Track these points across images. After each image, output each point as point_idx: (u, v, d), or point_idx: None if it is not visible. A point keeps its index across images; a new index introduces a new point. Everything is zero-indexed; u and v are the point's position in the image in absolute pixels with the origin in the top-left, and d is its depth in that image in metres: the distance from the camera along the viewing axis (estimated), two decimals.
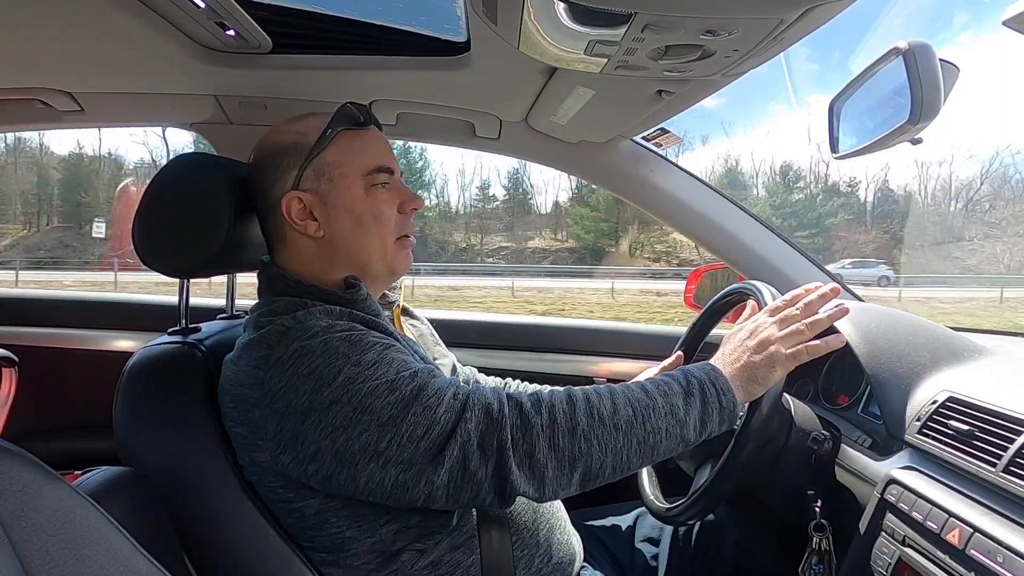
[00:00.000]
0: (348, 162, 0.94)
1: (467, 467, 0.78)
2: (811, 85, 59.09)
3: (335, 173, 0.94)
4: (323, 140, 0.93)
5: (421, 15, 1.23)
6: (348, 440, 0.77)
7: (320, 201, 0.93)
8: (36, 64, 1.26)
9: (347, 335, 0.82)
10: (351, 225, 0.94)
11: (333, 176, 0.94)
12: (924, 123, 0.92)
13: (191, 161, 1.03)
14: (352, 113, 0.95)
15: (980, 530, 0.70)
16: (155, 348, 0.98)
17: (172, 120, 1.52)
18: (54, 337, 1.79)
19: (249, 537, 0.88)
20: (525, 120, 1.46)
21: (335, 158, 0.94)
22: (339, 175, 0.94)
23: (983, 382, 0.90)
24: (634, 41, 0.86)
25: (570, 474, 0.80)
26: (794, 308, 0.94)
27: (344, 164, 0.94)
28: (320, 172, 0.93)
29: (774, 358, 0.89)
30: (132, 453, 0.92)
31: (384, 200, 0.96)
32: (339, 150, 0.94)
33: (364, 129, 0.97)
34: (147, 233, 0.98)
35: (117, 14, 1.02)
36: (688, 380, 0.87)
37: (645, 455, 0.83)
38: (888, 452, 0.93)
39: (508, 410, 0.80)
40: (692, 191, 1.54)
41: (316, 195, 0.93)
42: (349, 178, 0.94)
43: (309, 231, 0.94)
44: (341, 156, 0.94)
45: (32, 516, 0.54)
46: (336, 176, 0.94)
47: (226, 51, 1.23)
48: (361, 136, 0.96)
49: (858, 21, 44.07)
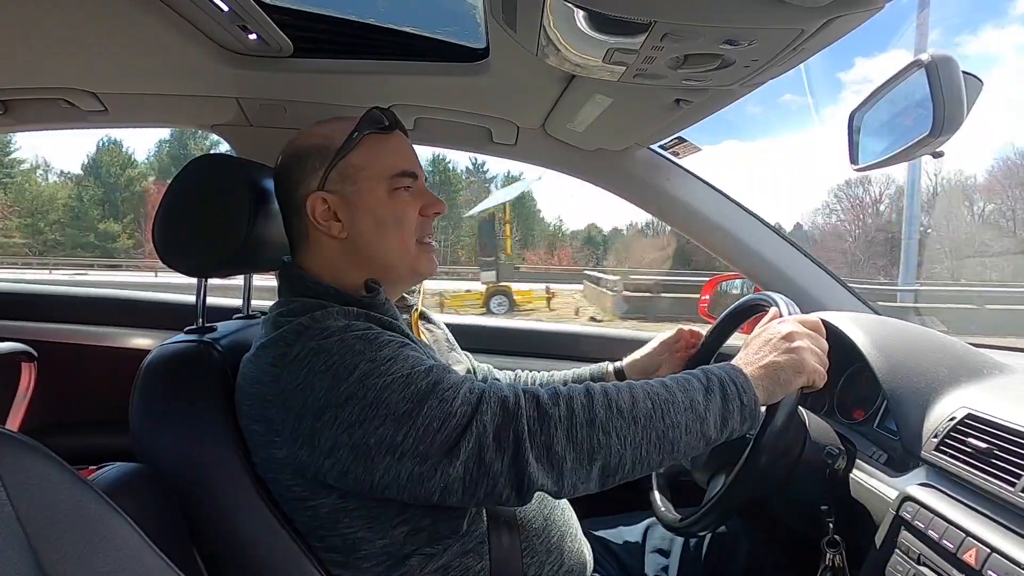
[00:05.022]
0: (373, 165, 0.96)
1: (483, 459, 0.78)
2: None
3: (360, 175, 0.95)
4: (349, 143, 0.95)
5: (441, 21, 1.24)
6: (364, 434, 0.78)
7: (344, 202, 0.95)
8: (62, 64, 1.29)
9: (363, 333, 0.83)
10: (373, 227, 0.95)
11: (358, 178, 0.95)
12: (946, 136, 0.91)
13: (211, 162, 1.04)
14: (378, 117, 0.97)
15: (998, 551, 0.68)
16: (172, 346, 0.99)
17: (194, 121, 1.54)
18: (73, 333, 1.81)
19: (260, 536, 0.88)
20: (542, 127, 1.46)
21: (360, 161, 0.95)
22: (364, 177, 0.95)
23: (1002, 400, 0.89)
24: (653, 50, 0.86)
25: (589, 467, 0.79)
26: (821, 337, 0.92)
27: (369, 167, 0.96)
28: (345, 174, 0.95)
29: (802, 364, 0.86)
30: (147, 450, 0.93)
31: (407, 203, 0.97)
32: (364, 153, 0.96)
33: (389, 133, 0.99)
34: (166, 232, 1.00)
35: (141, 16, 1.04)
36: (708, 377, 0.85)
37: (665, 450, 0.81)
38: (904, 468, 0.92)
39: (525, 402, 0.80)
40: (709, 201, 1.53)
41: (341, 196, 0.95)
42: (373, 180, 0.95)
43: (332, 232, 0.95)
44: (366, 159, 0.96)
45: (47, 510, 0.55)
46: (361, 178, 0.95)
47: (248, 54, 1.24)
48: (386, 140, 0.98)
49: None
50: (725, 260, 1.58)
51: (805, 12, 0.73)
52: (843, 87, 55.77)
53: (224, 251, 0.99)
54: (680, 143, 1.46)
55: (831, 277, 1.52)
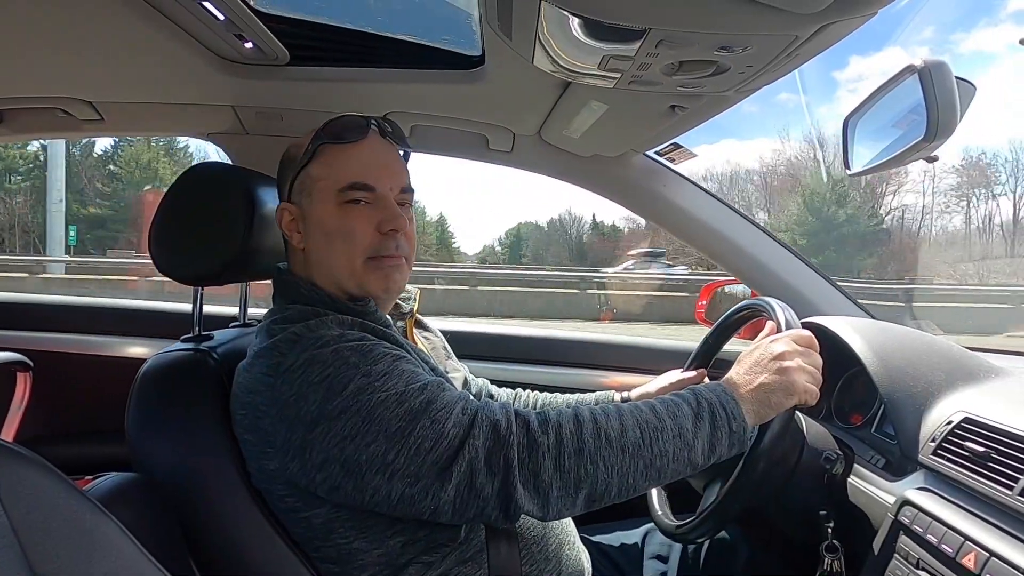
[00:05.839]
0: (328, 176, 0.93)
1: (474, 483, 0.78)
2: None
3: (315, 187, 0.93)
4: (306, 153, 0.94)
5: (437, 29, 1.24)
6: (356, 450, 0.78)
7: (302, 214, 0.95)
8: (57, 73, 1.29)
9: (358, 345, 0.83)
10: (322, 240, 0.93)
11: (313, 190, 0.94)
12: (940, 141, 0.91)
13: (207, 170, 1.05)
14: (335, 128, 0.94)
15: (997, 555, 0.68)
16: (168, 355, 0.99)
17: (190, 130, 1.54)
18: (68, 342, 1.80)
19: (257, 546, 0.88)
20: (538, 133, 1.46)
21: (317, 172, 0.94)
22: (318, 189, 0.93)
23: (1000, 403, 0.89)
24: (648, 56, 0.86)
25: (575, 495, 0.80)
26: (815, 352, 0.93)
27: (323, 178, 0.93)
28: (303, 185, 0.94)
29: (792, 386, 0.87)
30: (143, 459, 0.92)
31: (357, 217, 0.92)
32: (321, 164, 0.94)
33: (349, 143, 0.94)
34: (163, 240, 1.00)
35: (137, 25, 1.04)
36: (699, 402, 0.85)
37: (652, 477, 0.82)
38: (902, 473, 0.92)
39: (516, 428, 0.80)
40: (705, 206, 1.53)
41: (299, 207, 0.95)
42: (325, 192, 0.93)
43: (294, 242, 0.96)
44: (321, 170, 0.93)
45: (42, 520, 0.55)
46: (316, 190, 0.93)
47: (244, 62, 1.24)
48: (344, 150, 0.94)
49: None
50: (722, 265, 1.58)
51: (799, 18, 0.73)
52: (838, 86, 56.02)
53: (220, 259, 0.99)
54: (675, 148, 1.46)
55: (827, 282, 1.52)
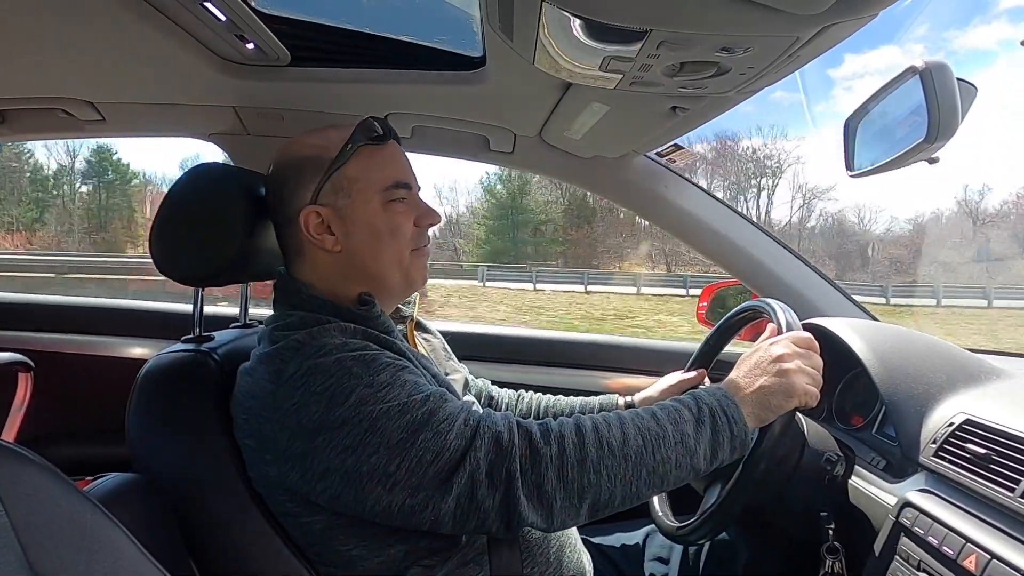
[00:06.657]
0: (367, 177, 0.94)
1: (475, 496, 0.78)
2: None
3: (354, 188, 0.93)
4: (343, 155, 0.93)
5: (438, 29, 1.24)
6: (357, 461, 0.77)
7: (338, 215, 0.93)
8: (59, 74, 1.29)
9: (360, 354, 0.82)
10: (369, 239, 0.94)
11: (352, 191, 0.93)
12: (941, 142, 0.91)
13: (208, 171, 1.04)
14: (372, 127, 0.95)
15: (998, 557, 0.68)
16: (168, 356, 0.99)
17: (191, 130, 1.54)
18: (69, 343, 1.80)
19: (257, 548, 0.88)
20: (539, 135, 1.46)
21: (354, 173, 0.94)
22: (357, 190, 0.93)
23: (1000, 405, 0.89)
24: (649, 58, 0.86)
25: (579, 505, 0.80)
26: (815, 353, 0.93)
27: (363, 179, 0.94)
28: (339, 186, 0.93)
29: (792, 388, 0.87)
30: (143, 460, 0.92)
31: (401, 214, 0.96)
32: (359, 165, 0.94)
33: (383, 144, 0.97)
34: (163, 241, 1.00)
35: (138, 26, 1.03)
36: (699, 407, 0.86)
37: (655, 485, 0.83)
38: (903, 475, 0.92)
39: (518, 439, 0.80)
40: (706, 207, 1.53)
41: (334, 209, 0.93)
42: (368, 193, 0.94)
43: (326, 245, 0.94)
44: (360, 171, 0.94)
45: (43, 520, 0.55)
46: (355, 191, 0.93)
47: (245, 63, 1.24)
48: (380, 151, 0.96)
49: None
50: (722, 267, 1.58)
51: (800, 20, 0.73)
52: (834, 84, 55.93)
53: (221, 260, 0.99)
54: (676, 150, 1.46)
55: (828, 283, 1.52)
